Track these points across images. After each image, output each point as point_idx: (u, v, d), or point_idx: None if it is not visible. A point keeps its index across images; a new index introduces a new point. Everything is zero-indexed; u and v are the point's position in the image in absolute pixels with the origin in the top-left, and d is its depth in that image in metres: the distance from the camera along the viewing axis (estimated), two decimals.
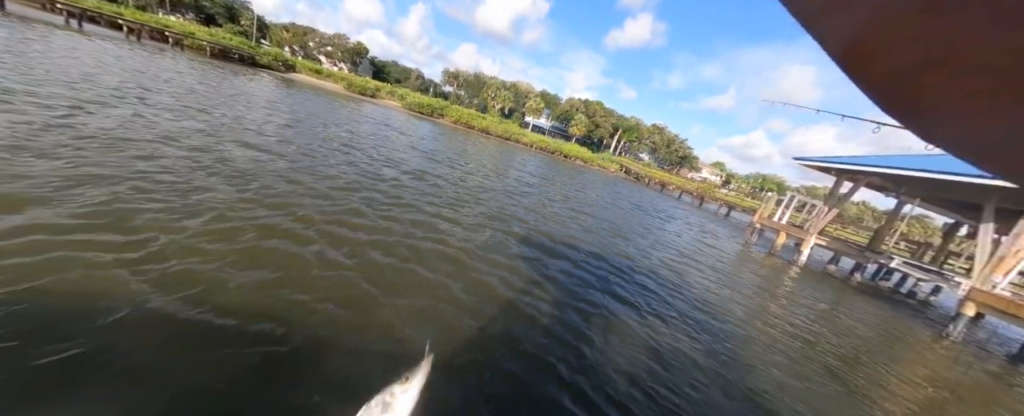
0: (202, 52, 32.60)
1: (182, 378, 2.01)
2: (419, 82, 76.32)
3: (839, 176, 12.97)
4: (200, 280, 2.75)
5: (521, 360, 2.93)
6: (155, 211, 3.55)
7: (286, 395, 2.07)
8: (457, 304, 3.45)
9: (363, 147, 10.52)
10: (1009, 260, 7.79)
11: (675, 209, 21.71)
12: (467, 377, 2.58)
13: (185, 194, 4.10)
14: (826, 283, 10.90)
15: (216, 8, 60.45)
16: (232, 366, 2.14)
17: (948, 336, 7.91)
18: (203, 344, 2.25)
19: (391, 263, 3.89)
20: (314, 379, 2.21)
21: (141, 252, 2.90)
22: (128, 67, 12.58)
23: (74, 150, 4.47)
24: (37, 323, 2.07)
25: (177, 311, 2.41)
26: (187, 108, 8.64)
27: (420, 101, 42.31)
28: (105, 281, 2.51)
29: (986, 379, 6.01)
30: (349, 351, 2.52)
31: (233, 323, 2.44)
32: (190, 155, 5.41)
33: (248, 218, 3.96)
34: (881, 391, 4.34)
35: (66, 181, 3.65)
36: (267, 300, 2.75)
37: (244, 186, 4.83)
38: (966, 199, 10.29)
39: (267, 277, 3.03)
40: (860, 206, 63.33)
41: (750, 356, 4.23)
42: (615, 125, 61.27)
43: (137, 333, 2.19)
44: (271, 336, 2.42)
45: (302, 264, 3.39)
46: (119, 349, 2.06)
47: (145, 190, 3.94)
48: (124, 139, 5.30)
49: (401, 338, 2.78)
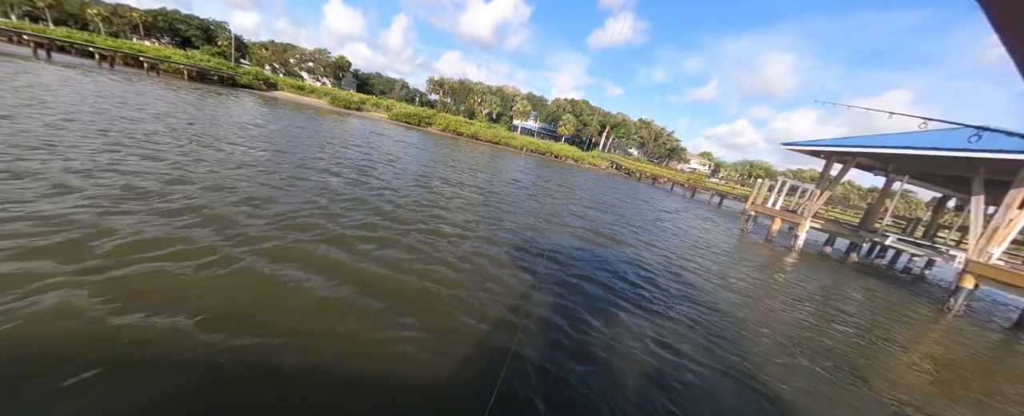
0: (180, 75, 31.96)
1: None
2: (404, 92, 76.06)
3: (829, 159, 13.12)
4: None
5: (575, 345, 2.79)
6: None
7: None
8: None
9: (384, 170, 10.30)
10: (1002, 231, 7.89)
11: (669, 201, 21.82)
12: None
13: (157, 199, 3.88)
14: (824, 265, 10.97)
15: (192, 31, 59.64)
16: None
17: (949, 310, 7.97)
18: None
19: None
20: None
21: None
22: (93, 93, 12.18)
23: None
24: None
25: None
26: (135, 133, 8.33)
27: (407, 111, 42.07)
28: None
29: (996, 350, 6.04)
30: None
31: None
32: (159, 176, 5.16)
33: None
34: (899, 372, 4.28)
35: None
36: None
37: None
38: (955, 173, 10.47)
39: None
40: (846, 185, 64.68)
41: (761, 345, 4.14)
42: (602, 122, 61.72)
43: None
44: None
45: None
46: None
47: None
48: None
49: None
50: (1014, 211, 7.83)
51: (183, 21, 59.17)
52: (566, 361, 3.09)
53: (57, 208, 3.79)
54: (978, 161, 8.10)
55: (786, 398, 3.26)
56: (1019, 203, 7.83)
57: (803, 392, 3.43)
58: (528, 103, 60.50)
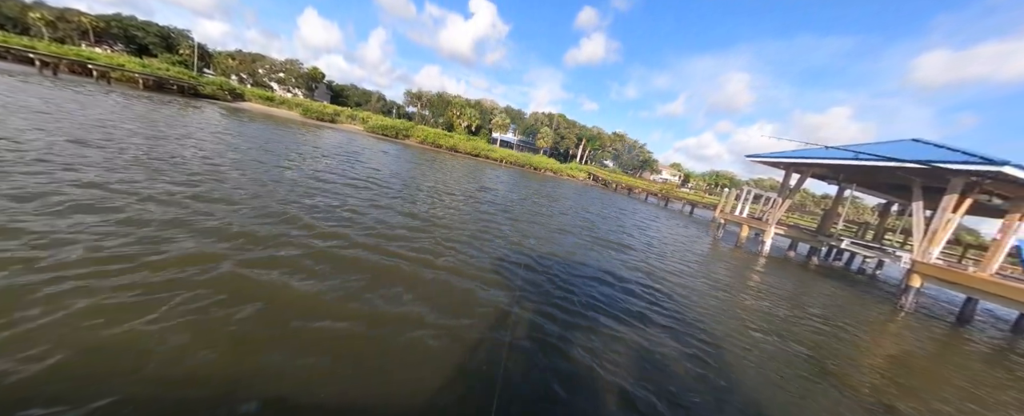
0: (134, 84, 29.96)
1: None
2: (380, 104, 75.06)
3: (788, 169, 14.09)
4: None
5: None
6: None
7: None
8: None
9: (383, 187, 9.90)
10: (940, 233, 8.71)
11: (646, 211, 22.52)
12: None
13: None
14: (788, 269, 11.61)
15: (150, 38, 56.49)
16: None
17: (902, 308, 8.61)
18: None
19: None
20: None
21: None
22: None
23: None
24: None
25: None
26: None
27: (383, 123, 41.45)
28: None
29: (944, 342, 6.55)
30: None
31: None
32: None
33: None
34: (867, 370, 4.52)
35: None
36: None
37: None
38: (896, 181, 11.51)
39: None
40: (802, 193, 69.64)
41: (733, 349, 4.25)
42: (579, 136, 63.56)
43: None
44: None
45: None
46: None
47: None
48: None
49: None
50: (949, 214, 8.67)
51: (140, 28, 55.99)
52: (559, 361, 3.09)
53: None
54: (914, 170, 8.95)
55: (761, 389, 3.36)
56: (952, 207, 8.69)
57: (772, 385, 3.54)
58: (507, 116, 61.40)
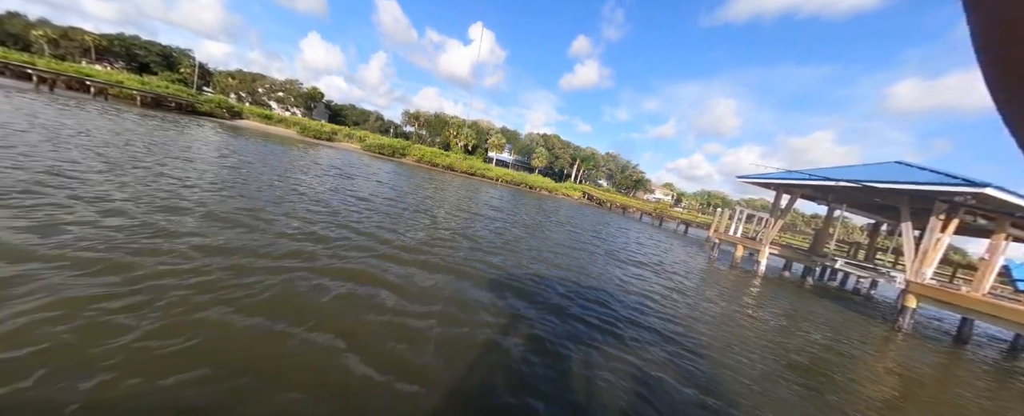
0: (132, 101, 30.07)
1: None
2: (379, 124, 75.97)
3: (778, 191, 14.36)
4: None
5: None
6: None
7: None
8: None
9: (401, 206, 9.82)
10: (931, 253, 8.82)
11: (642, 230, 22.60)
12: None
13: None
14: (784, 289, 11.57)
15: (151, 57, 57.33)
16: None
17: (900, 329, 8.57)
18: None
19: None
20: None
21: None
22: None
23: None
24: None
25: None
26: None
27: (380, 142, 41.87)
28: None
29: (949, 363, 6.48)
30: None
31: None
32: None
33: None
34: (865, 392, 4.42)
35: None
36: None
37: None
38: (884, 202, 11.79)
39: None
40: (792, 213, 70.91)
41: (732, 368, 4.15)
42: (573, 155, 64.65)
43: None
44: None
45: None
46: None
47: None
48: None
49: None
50: (937, 234, 8.83)
51: (142, 47, 56.91)
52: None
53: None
54: (903, 192, 9.18)
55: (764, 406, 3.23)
56: (940, 227, 8.86)
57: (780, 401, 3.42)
58: (503, 136, 62.49)
